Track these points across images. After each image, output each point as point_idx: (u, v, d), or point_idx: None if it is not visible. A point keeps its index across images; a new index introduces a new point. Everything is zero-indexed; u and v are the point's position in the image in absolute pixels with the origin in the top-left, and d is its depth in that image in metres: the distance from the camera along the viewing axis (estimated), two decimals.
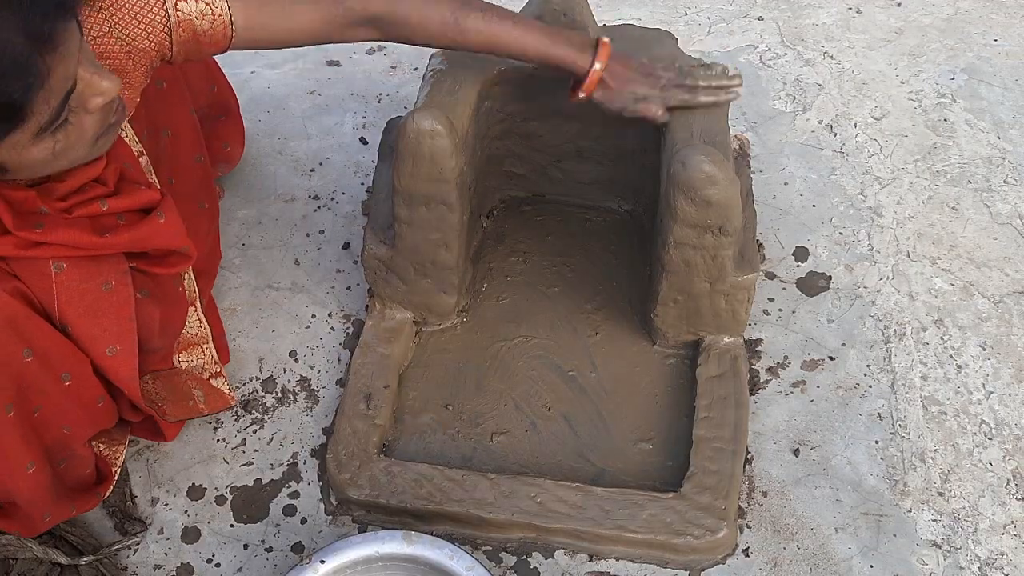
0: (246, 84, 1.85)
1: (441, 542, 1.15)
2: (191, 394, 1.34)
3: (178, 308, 1.27)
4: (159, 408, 1.31)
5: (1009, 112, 1.74)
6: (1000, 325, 1.45)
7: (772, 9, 1.95)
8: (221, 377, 1.36)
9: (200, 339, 1.33)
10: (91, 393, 1.16)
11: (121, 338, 1.12)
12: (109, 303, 1.09)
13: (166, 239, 1.14)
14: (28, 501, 1.15)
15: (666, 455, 1.31)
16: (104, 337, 1.11)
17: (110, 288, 1.09)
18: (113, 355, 1.12)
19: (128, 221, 1.10)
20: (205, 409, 1.36)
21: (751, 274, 1.30)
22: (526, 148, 1.53)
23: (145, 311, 1.16)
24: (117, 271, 1.10)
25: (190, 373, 1.33)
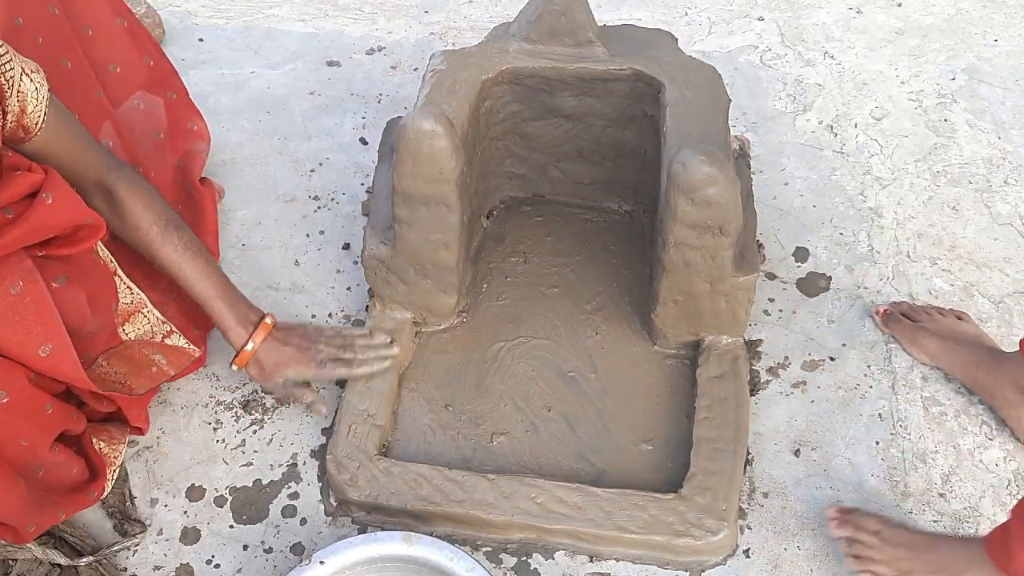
0: (246, 84, 1.85)
1: (441, 543, 1.15)
2: (151, 360, 1.31)
3: (104, 280, 1.24)
4: (124, 386, 1.28)
5: (1009, 112, 1.74)
6: (1000, 325, 1.44)
7: (772, 9, 1.95)
8: (175, 334, 1.32)
9: (138, 305, 1.29)
10: (34, 404, 1.12)
11: (50, 335, 1.08)
12: (24, 305, 1.05)
13: (62, 219, 1.10)
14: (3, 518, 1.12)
15: (666, 456, 1.31)
16: (31, 340, 1.07)
17: (19, 289, 1.05)
18: (48, 355, 1.08)
19: (16, 212, 1.06)
20: (171, 370, 1.34)
21: (751, 274, 1.30)
22: (526, 148, 1.53)
23: (68, 297, 1.12)
24: (21, 270, 1.06)
25: (142, 341, 1.29)
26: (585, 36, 1.39)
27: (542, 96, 1.44)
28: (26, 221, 1.05)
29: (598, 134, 1.48)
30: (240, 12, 2.01)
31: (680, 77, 1.37)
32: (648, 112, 1.42)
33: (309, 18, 1.99)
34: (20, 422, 1.11)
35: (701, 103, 1.34)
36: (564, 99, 1.44)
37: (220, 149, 1.70)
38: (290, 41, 1.94)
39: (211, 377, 1.43)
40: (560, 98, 1.44)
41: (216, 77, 1.87)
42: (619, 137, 1.48)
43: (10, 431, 1.10)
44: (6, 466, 1.11)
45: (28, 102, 1.05)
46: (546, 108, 1.46)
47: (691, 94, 1.34)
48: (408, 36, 1.94)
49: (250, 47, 1.93)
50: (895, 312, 1.42)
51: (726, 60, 1.84)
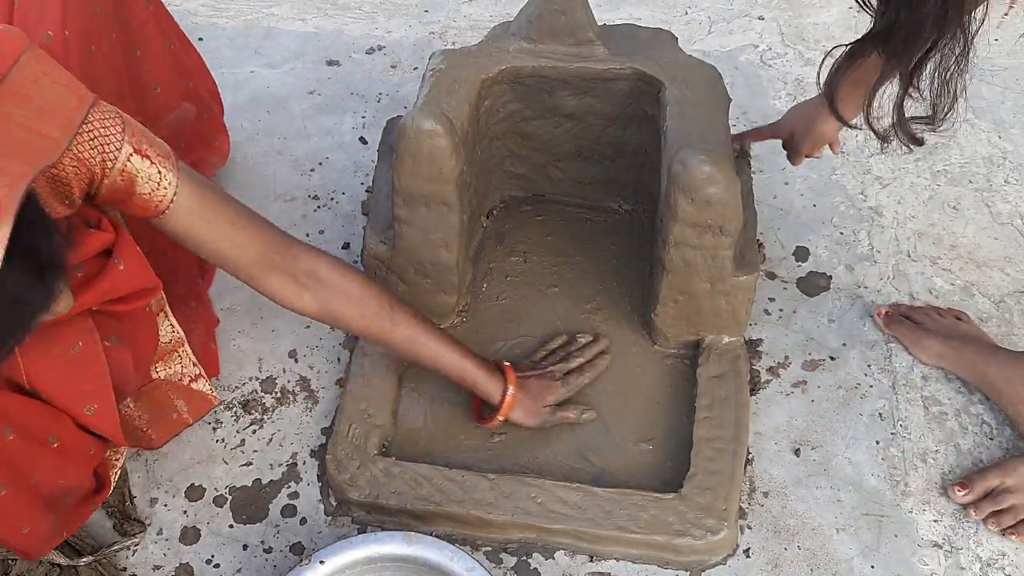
0: (245, 83, 1.85)
1: (441, 543, 1.15)
2: (173, 406, 1.31)
3: (149, 332, 1.22)
4: (144, 436, 1.29)
5: (1010, 112, 1.73)
6: (1001, 325, 1.44)
7: (773, 8, 1.95)
8: (202, 379, 1.33)
9: (175, 344, 1.28)
10: (81, 445, 1.13)
11: (97, 396, 1.09)
12: (79, 365, 1.06)
13: (131, 285, 1.10)
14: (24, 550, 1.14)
15: (666, 455, 1.31)
16: (80, 399, 1.08)
17: (78, 350, 1.06)
18: (92, 414, 1.09)
19: (85, 272, 1.06)
20: (189, 418, 1.33)
21: (751, 274, 1.30)
22: (526, 148, 1.53)
23: (117, 358, 1.12)
24: (83, 330, 1.06)
25: (169, 382, 1.29)
26: (585, 35, 1.39)
27: (542, 95, 1.44)
28: (98, 286, 1.05)
29: (598, 133, 1.48)
30: (240, 11, 2.00)
31: (680, 76, 1.36)
32: (648, 111, 1.42)
33: (309, 17, 1.99)
34: (67, 463, 1.12)
35: (701, 103, 1.33)
36: (564, 98, 1.44)
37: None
38: (290, 40, 1.94)
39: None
40: (560, 97, 1.44)
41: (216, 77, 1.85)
42: (619, 136, 1.48)
43: (56, 471, 1.11)
44: (40, 504, 1.12)
45: (137, 184, 1.02)
46: (546, 107, 1.46)
47: (691, 93, 1.34)
48: (408, 35, 1.94)
49: (250, 46, 1.93)
50: (896, 313, 1.42)
51: (726, 60, 1.84)
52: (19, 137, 0.90)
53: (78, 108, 0.97)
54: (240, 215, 1.13)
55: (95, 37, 1.22)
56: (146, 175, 1.03)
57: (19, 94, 0.92)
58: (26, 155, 0.88)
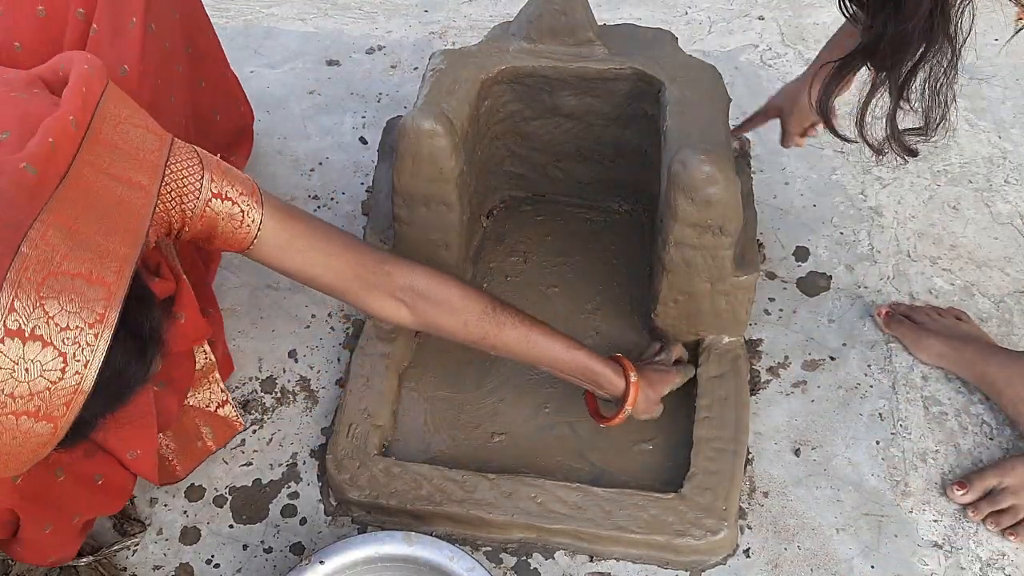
0: (246, 83, 1.84)
1: (441, 543, 1.15)
2: (199, 433, 1.31)
3: (187, 368, 1.23)
4: (171, 467, 1.29)
5: (1010, 112, 1.73)
6: (1001, 325, 1.44)
7: (773, 8, 1.95)
8: (228, 405, 1.33)
9: (207, 371, 1.29)
10: (123, 482, 1.15)
11: (142, 443, 1.10)
12: (129, 415, 1.04)
13: (189, 339, 1.11)
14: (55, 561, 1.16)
15: (666, 455, 1.31)
16: (125, 447, 1.08)
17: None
18: (134, 459, 1.10)
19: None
20: (214, 446, 1.33)
21: (751, 274, 1.30)
22: (526, 148, 1.53)
23: (164, 404, 1.13)
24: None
25: (197, 409, 1.30)
26: (585, 35, 1.39)
27: (542, 95, 1.44)
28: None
29: (598, 133, 1.48)
30: (239, 11, 2.00)
31: (680, 76, 1.36)
32: (648, 111, 1.42)
33: (309, 17, 1.99)
34: (108, 498, 1.14)
35: (701, 102, 1.33)
36: (564, 98, 1.44)
37: None
38: (290, 40, 1.94)
39: None
40: (560, 97, 1.44)
41: None
42: (619, 136, 1.48)
43: (98, 506, 1.14)
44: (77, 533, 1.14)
45: (218, 224, 1.01)
46: (546, 107, 1.46)
47: (691, 93, 1.34)
48: (408, 35, 1.94)
49: (249, 46, 1.93)
50: (896, 313, 1.42)
51: (726, 59, 1.84)
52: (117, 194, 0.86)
53: (159, 150, 0.94)
54: (330, 241, 1.11)
55: (164, 72, 1.21)
56: (227, 215, 1.01)
57: (107, 142, 0.88)
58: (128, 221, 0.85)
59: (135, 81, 1.14)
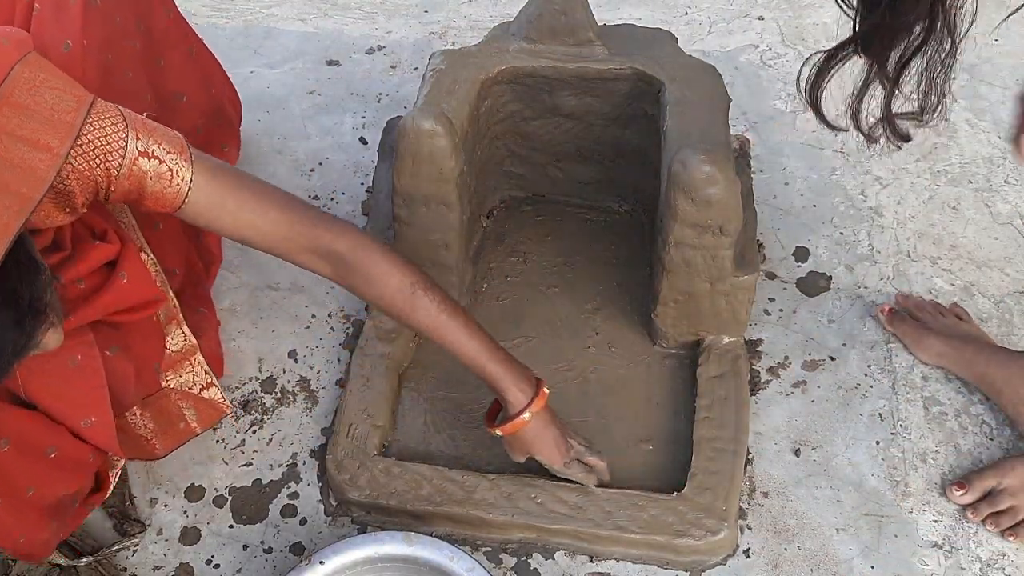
0: (245, 83, 1.85)
1: (441, 543, 1.15)
2: (181, 415, 1.29)
3: (153, 343, 1.21)
4: (148, 445, 1.27)
5: (1010, 112, 1.73)
6: (1001, 325, 1.44)
7: (773, 9, 1.95)
8: (213, 387, 1.31)
9: (187, 353, 1.28)
10: (80, 456, 1.12)
11: (95, 409, 1.08)
12: (78, 378, 1.05)
13: (134, 298, 1.09)
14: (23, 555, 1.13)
15: (666, 455, 1.31)
16: (77, 413, 1.06)
17: (76, 363, 1.05)
18: (88, 426, 1.08)
19: (88, 284, 1.05)
20: (198, 428, 1.31)
21: (751, 274, 1.30)
22: (526, 148, 1.53)
23: (118, 369, 1.11)
24: (83, 344, 1.06)
25: (180, 391, 1.28)
26: (585, 35, 1.39)
27: (542, 95, 1.44)
28: (100, 300, 1.05)
29: (598, 133, 1.48)
30: (239, 11, 2.00)
31: (680, 77, 1.36)
32: (648, 112, 1.41)
33: (309, 17, 1.99)
34: (66, 473, 1.11)
35: (701, 103, 1.33)
36: (564, 98, 1.44)
37: None
38: (289, 40, 1.94)
39: None
40: (560, 97, 1.44)
41: None
42: (619, 137, 1.48)
43: (57, 483, 1.10)
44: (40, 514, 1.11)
45: (146, 183, 1.01)
46: (546, 107, 1.46)
47: (691, 94, 1.34)
48: (408, 35, 1.94)
49: (249, 46, 1.93)
50: (899, 311, 1.42)
51: (726, 60, 1.84)
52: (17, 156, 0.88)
53: (76, 110, 0.95)
54: (262, 201, 1.10)
55: (115, 47, 1.21)
56: (155, 174, 1.01)
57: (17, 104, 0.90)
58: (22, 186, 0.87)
59: (79, 56, 1.13)
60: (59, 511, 1.15)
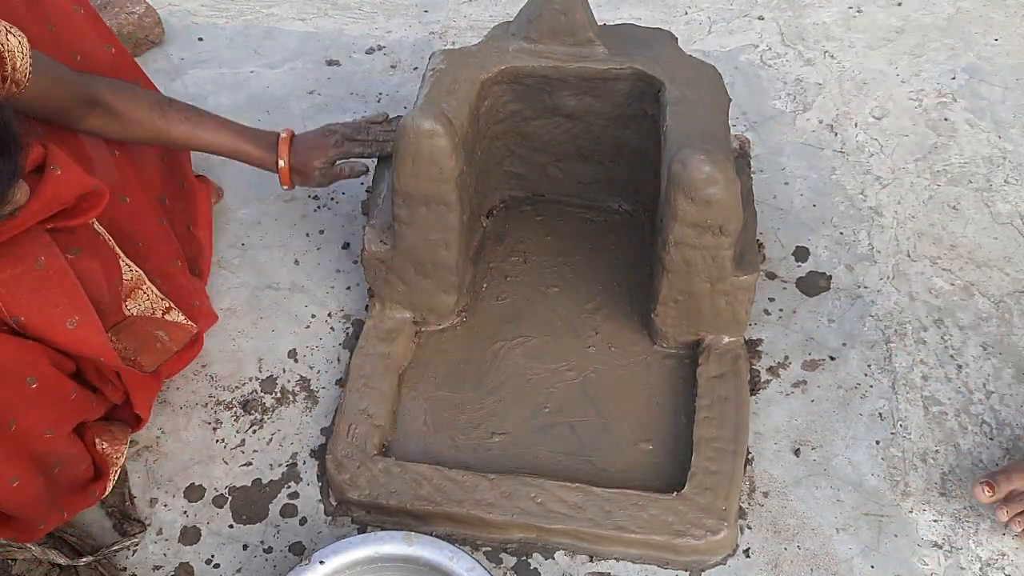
0: (245, 83, 1.85)
1: (441, 543, 1.15)
2: (154, 336, 1.31)
3: (106, 252, 1.23)
4: (135, 363, 1.28)
5: (1010, 112, 1.73)
6: (1001, 325, 1.44)
7: (772, 8, 1.95)
8: (174, 310, 1.33)
9: (137, 282, 1.29)
10: (61, 388, 1.12)
11: (76, 308, 1.09)
12: (48, 279, 1.06)
13: (72, 188, 1.10)
14: (17, 512, 1.13)
15: (666, 455, 1.31)
16: (59, 313, 1.07)
17: (42, 264, 1.06)
18: (75, 327, 1.09)
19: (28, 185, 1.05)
20: (173, 345, 1.33)
21: (751, 274, 1.30)
22: (526, 148, 1.53)
23: (85, 268, 1.12)
24: (42, 244, 1.07)
25: (144, 317, 1.29)
26: (585, 35, 1.39)
27: (542, 95, 1.44)
28: (42, 193, 1.05)
29: (598, 133, 1.48)
30: (239, 11, 2.00)
31: (680, 76, 1.36)
32: (648, 111, 1.42)
33: (309, 17, 1.99)
34: (48, 409, 1.11)
35: (701, 102, 1.33)
36: (564, 98, 1.44)
37: None
38: (290, 40, 1.94)
39: (211, 377, 1.43)
40: (560, 97, 1.44)
41: (215, 76, 1.86)
42: (619, 136, 1.48)
43: (38, 419, 1.10)
44: (29, 460, 1.11)
45: (17, 58, 1.06)
46: (546, 107, 1.46)
47: (691, 93, 1.34)
48: (408, 35, 1.94)
49: (249, 46, 1.93)
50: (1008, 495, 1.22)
51: (726, 59, 1.84)
52: None
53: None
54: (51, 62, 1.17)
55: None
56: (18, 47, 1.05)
57: None
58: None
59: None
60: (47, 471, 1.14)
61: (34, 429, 1.10)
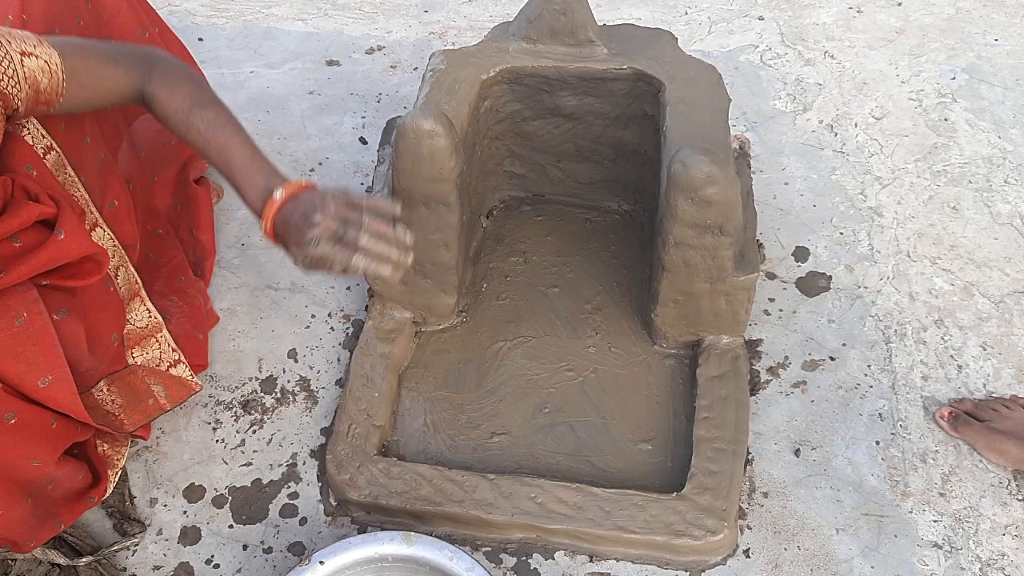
0: (245, 83, 1.85)
1: (441, 543, 1.15)
2: (150, 391, 1.30)
3: (109, 312, 1.22)
4: (115, 420, 1.27)
5: (1009, 112, 1.73)
6: (1001, 325, 1.44)
7: (772, 9, 1.95)
8: (182, 364, 1.32)
9: (152, 329, 1.28)
10: (40, 421, 1.11)
11: (50, 367, 1.08)
12: (26, 336, 1.05)
13: (72, 253, 1.09)
14: (8, 539, 1.13)
15: (666, 455, 1.31)
16: (31, 372, 1.06)
17: (23, 321, 1.05)
18: (46, 386, 1.08)
19: (24, 241, 1.05)
20: (167, 404, 1.32)
21: (751, 274, 1.30)
22: (526, 148, 1.53)
23: (67, 331, 1.11)
24: (26, 301, 1.05)
25: (146, 368, 1.29)
26: (585, 35, 1.39)
27: (542, 95, 1.44)
28: (37, 256, 1.05)
29: (598, 134, 1.48)
30: (239, 11, 2.01)
31: (680, 76, 1.36)
32: (648, 112, 1.42)
33: (309, 17, 1.99)
34: (28, 441, 1.10)
35: (701, 103, 1.33)
36: (564, 98, 1.44)
37: None
38: (289, 40, 1.94)
39: (211, 377, 1.43)
40: (560, 97, 1.44)
41: (215, 76, 1.86)
42: (619, 137, 1.48)
43: (22, 452, 1.10)
44: (12, 486, 1.10)
45: (39, 80, 1.04)
46: (546, 108, 1.46)
47: (691, 94, 1.34)
48: (408, 35, 1.94)
49: (249, 46, 1.93)
50: (962, 414, 1.32)
51: (726, 60, 1.84)
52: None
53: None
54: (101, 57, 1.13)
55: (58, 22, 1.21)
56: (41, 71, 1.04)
57: None
58: None
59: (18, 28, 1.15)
60: (38, 493, 1.14)
61: (17, 461, 1.09)
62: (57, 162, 1.15)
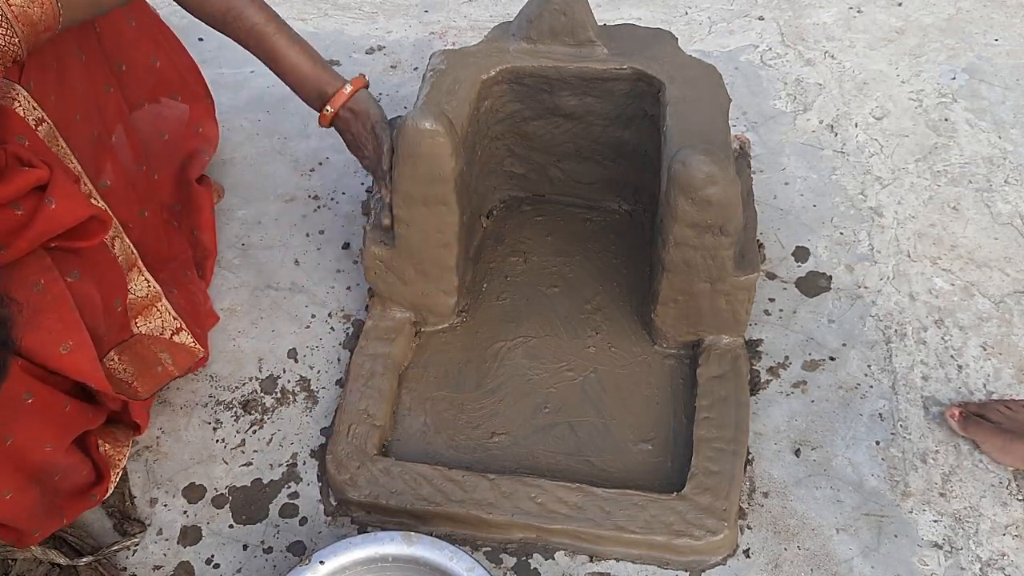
0: (246, 83, 1.85)
1: (441, 543, 1.15)
2: (157, 359, 1.30)
3: (114, 275, 1.22)
4: (130, 388, 1.27)
5: (1010, 112, 1.73)
6: (1001, 325, 1.44)
7: (773, 9, 1.95)
8: (183, 332, 1.33)
9: (152, 299, 1.29)
10: (55, 402, 1.11)
11: (70, 333, 1.08)
12: (45, 303, 1.05)
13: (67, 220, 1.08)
14: (9, 522, 1.13)
15: (666, 455, 1.31)
16: (52, 339, 1.06)
17: (41, 287, 1.05)
18: (68, 352, 1.08)
19: (25, 207, 1.05)
20: (175, 371, 1.32)
21: (751, 274, 1.30)
22: (526, 148, 1.53)
23: (83, 294, 1.11)
24: (41, 267, 1.06)
25: (151, 337, 1.29)
26: (585, 35, 1.39)
27: (542, 95, 1.44)
28: (33, 227, 1.05)
29: (598, 134, 1.48)
30: None
31: (680, 76, 1.36)
32: (648, 111, 1.42)
33: (309, 17, 1.99)
34: (44, 424, 1.10)
35: (701, 102, 1.33)
36: (564, 98, 1.44)
37: (220, 149, 1.70)
38: None
39: (211, 377, 1.43)
40: (560, 97, 1.44)
41: (216, 76, 1.86)
42: (619, 137, 1.48)
43: (36, 434, 1.10)
44: (24, 473, 1.11)
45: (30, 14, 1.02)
46: (546, 108, 1.46)
47: (691, 93, 1.34)
48: (408, 35, 1.94)
49: None
50: (971, 414, 1.31)
51: (726, 60, 1.84)
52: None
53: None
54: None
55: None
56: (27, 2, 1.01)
57: None
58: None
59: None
60: (44, 482, 1.14)
61: (31, 443, 1.10)
62: (49, 133, 1.14)
